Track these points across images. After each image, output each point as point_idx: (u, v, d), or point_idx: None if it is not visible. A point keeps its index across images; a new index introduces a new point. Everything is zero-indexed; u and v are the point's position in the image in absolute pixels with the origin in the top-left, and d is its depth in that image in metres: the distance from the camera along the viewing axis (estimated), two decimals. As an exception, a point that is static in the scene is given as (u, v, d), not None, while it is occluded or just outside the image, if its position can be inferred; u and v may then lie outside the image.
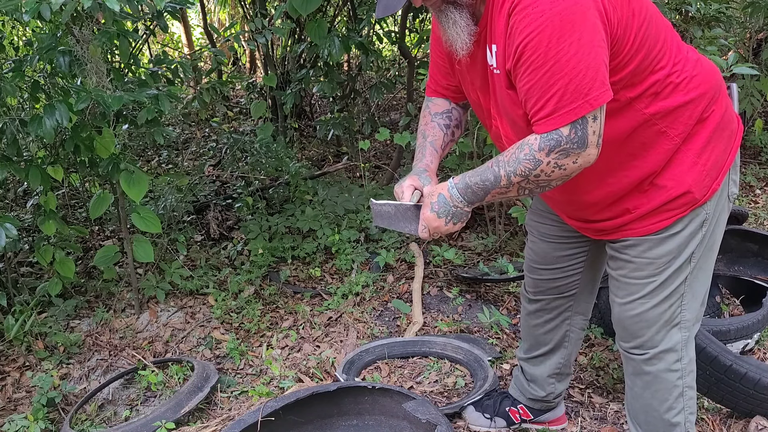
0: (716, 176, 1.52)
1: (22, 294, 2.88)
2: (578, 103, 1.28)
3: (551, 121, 1.31)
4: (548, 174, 1.36)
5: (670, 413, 1.70)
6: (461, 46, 1.45)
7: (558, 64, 1.26)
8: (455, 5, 1.43)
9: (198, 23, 7.19)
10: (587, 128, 1.31)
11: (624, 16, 1.33)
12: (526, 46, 1.29)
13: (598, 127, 1.33)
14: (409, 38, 4.73)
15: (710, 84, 1.48)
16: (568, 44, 1.25)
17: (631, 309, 1.63)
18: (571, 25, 1.25)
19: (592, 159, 1.36)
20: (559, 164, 1.34)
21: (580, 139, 1.31)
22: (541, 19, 1.26)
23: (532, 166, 1.36)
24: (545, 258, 1.87)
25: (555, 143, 1.32)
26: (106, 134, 2.60)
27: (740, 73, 2.41)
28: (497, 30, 1.38)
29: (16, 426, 2.18)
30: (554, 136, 1.32)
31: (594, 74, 1.27)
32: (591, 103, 1.28)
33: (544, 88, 1.30)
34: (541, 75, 1.29)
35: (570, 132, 1.31)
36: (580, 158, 1.34)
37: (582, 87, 1.27)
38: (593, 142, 1.33)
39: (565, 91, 1.28)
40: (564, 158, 1.33)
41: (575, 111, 1.29)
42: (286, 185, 3.82)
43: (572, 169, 1.36)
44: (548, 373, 2.02)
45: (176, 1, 2.60)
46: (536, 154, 1.34)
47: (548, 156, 1.33)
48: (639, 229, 1.55)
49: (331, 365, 2.50)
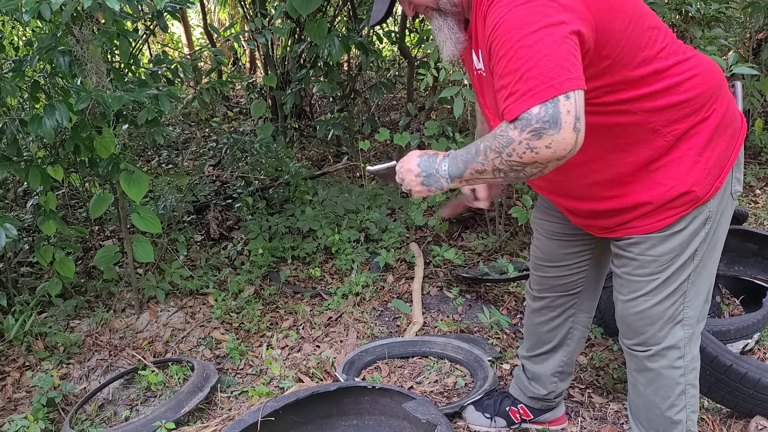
0: (719, 174, 1.52)
1: (22, 294, 2.88)
2: (543, 87, 1.22)
3: (517, 105, 1.25)
4: (520, 155, 1.27)
5: (672, 410, 1.70)
6: (447, 53, 1.48)
7: (521, 50, 1.23)
8: (440, 13, 1.45)
9: (198, 23, 7.20)
10: (559, 106, 1.22)
11: (602, 18, 1.32)
12: (494, 37, 1.28)
13: (573, 107, 1.22)
14: (409, 38, 4.73)
15: (709, 84, 1.48)
16: (531, 30, 1.23)
17: (635, 306, 1.63)
18: (536, 14, 1.23)
19: (570, 145, 1.23)
20: (531, 146, 1.25)
21: (552, 118, 1.21)
22: (506, 9, 1.25)
23: (505, 143, 1.29)
24: (550, 255, 1.87)
25: (525, 122, 1.24)
26: (106, 134, 2.60)
27: (740, 73, 2.41)
28: (479, 34, 1.40)
29: (16, 426, 2.18)
30: (524, 116, 1.24)
31: (561, 60, 1.22)
32: (557, 87, 1.22)
33: (510, 75, 1.25)
34: (506, 62, 1.26)
35: (540, 110, 1.22)
36: (554, 142, 1.22)
37: (548, 71, 1.22)
38: (568, 122, 1.21)
39: (529, 76, 1.22)
40: (536, 140, 1.24)
41: (539, 95, 1.22)
42: (286, 185, 3.82)
43: (546, 156, 1.25)
44: (551, 372, 2.02)
45: (176, 1, 2.60)
46: (509, 131, 1.27)
47: (520, 135, 1.25)
48: (642, 227, 1.55)
49: (331, 365, 2.50)
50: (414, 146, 3.46)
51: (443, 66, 2.87)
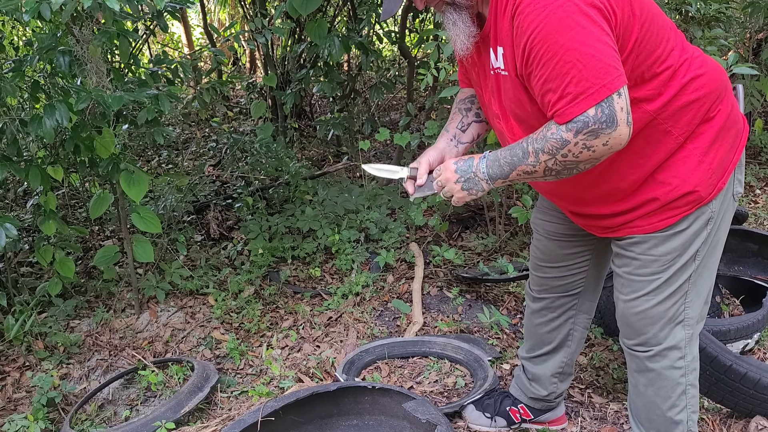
0: (722, 175, 1.53)
1: (22, 294, 2.87)
2: (596, 88, 1.27)
3: (571, 108, 1.30)
4: (576, 155, 1.34)
5: (673, 411, 1.70)
6: (461, 46, 1.48)
7: (568, 53, 1.26)
8: (455, 7, 1.45)
9: (198, 23, 7.19)
10: (614, 105, 1.28)
11: (625, 15, 1.34)
12: (534, 42, 1.29)
13: (625, 103, 1.29)
14: (409, 38, 4.73)
15: (716, 84, 1.49)
16: (575, 32, 1.26)
17: (636, 306, 1.63)
18: (575, 15, 1.26)
19: (624, 139, 1.32)
20: (587, 145, 1.32)
21: (609, 117, 1.29)
22: (544, 13, 1.27)
23: (559, 145, 1.34)
24: (551, 256, 1.87)
25: (582, 125, 1.30)
26: (106, 134, 2.60)
27: (740, 73, 2.41)
28: (502, 32, 1.39)
29: (16, 426, 2.18)
30: (581, 119, 1.29)
31: (607, 59, 1.27)
32: (609, 87, 1.27)
33: (558, 78, 1.29)
34: (552, 66, 1.29)
35: (597, 112, 1.29)
36: (611, 139, 1.31)
37: (597, 72, 1.27)
38: (623, 119, 1.29)
39: (581, 77, 1.27)
40: (593, 139, 1.31)
41: (593, 96, 1.28)
42: (286, 185, 3.82)
43: (602, 152, 1.33)
44: (551, 372, 2.02)
45: (176, 1, 2.60)
46: (563, 134, 1.33)
47: (576, 137, 1.31)
48: (644, 227, 1.56)
49: (331, 365, 2.50)
50: (414, 146, 3.46)
51: (443, 66, 2.86)
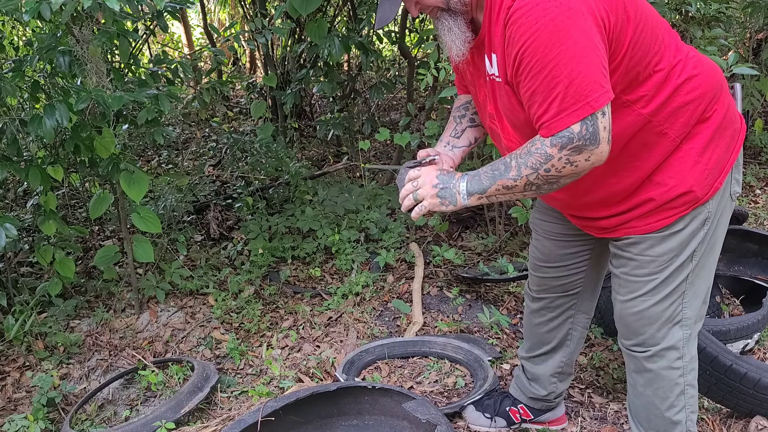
0: (718, 175, 1.52)
1: (22, 294, 2.87)
2: (580, 105, 1.29)
3: (556, 123, 1.32)
4: (559, 170, 1.36)
5: (672, 411, 1.70)
6: (456, 52, 1.49)
7: (557, 67, 1.28)
8: (450, 13, 1.46)
9: (198, 23, 7.20)
10: (597, 124, 1.31)
11: (619, 20, 1.34)
12: (524, 54, 1.30)
13: (608, 123, 1.33)
14: (409, 38, 4.72)
15: (711, 84, 1.49)
16: (564, 48, 1.26)
17: (633, 306, 1.63)
18: (566, 30, 1.26)
19: (604, 156, 1.35)
20: (571, 161, 1.34)
21: (592, 135, 1.31)
22: (536, 26, 1.27)
23: (543, 160, 1.36)
24: (549, 256, 1.87)
25: (567, 140, 1.32)
26: (106, 134, 2.60)
27: (740, 73, 2.41)
28: (495, 40, 1.40)
29: (16, 426, 2.18)
30: (565, 134, 1.32)
31: (594, 75, 1.28)
32: (592, 104, 1.29)
33: (545, 92, 1.31)
34: (541, 80, 1.30)
35: (581, 128, 1.31)
36: (593, 155, 1.33)
37: (583, 89, 1.28)
38: (604, 138, 1.33)
39: (566, 94, 1.29)
40: (576, 155, 1.33)
41: (577, 113, 1.30)
42: (286, 185, 3.82)
43: (583, 167, 1.35)
44: (550, 372, 2.02)
45: (176, 1, 2.60)
46: (548, 150, 1.34)
47: (560, 152, 1.33)
48: (641, 227, 1.56)
49: (331, 365, 2.50)
50: (414, 146, 3.46)
51: (443, 66, 2.86)
